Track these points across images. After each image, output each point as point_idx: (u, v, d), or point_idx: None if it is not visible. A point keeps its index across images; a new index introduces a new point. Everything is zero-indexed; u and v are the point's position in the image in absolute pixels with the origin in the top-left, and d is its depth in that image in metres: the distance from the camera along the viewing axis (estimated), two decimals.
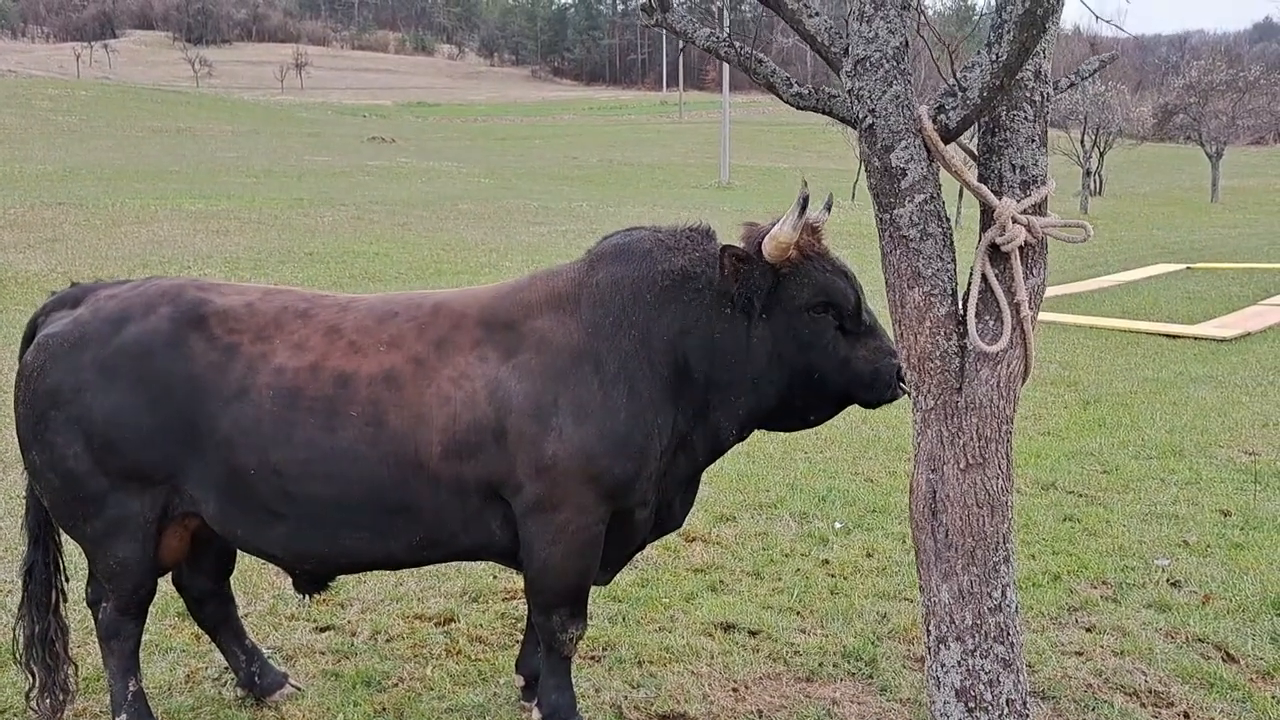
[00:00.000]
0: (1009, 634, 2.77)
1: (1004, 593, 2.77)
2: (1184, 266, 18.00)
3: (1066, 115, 36.66)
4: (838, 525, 5.28)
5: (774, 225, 3.00)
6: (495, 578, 4.53)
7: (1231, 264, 18.17)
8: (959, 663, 2.77)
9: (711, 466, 3.44)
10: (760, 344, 3.06)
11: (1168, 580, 4.54)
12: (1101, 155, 38.43)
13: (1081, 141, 36.68)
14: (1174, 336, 10.91)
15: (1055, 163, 37.25)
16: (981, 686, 2.75)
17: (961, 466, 2.75)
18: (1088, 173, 36.38)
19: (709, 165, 45.12)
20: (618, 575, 3.67)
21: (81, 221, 17.99)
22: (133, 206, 20.25)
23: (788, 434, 4.71)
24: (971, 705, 2.76)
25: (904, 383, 2.94)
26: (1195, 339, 10.78)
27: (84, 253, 14.83)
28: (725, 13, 37.25)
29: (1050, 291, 14.42)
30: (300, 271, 14.06)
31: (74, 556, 3.61)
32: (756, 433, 3.33)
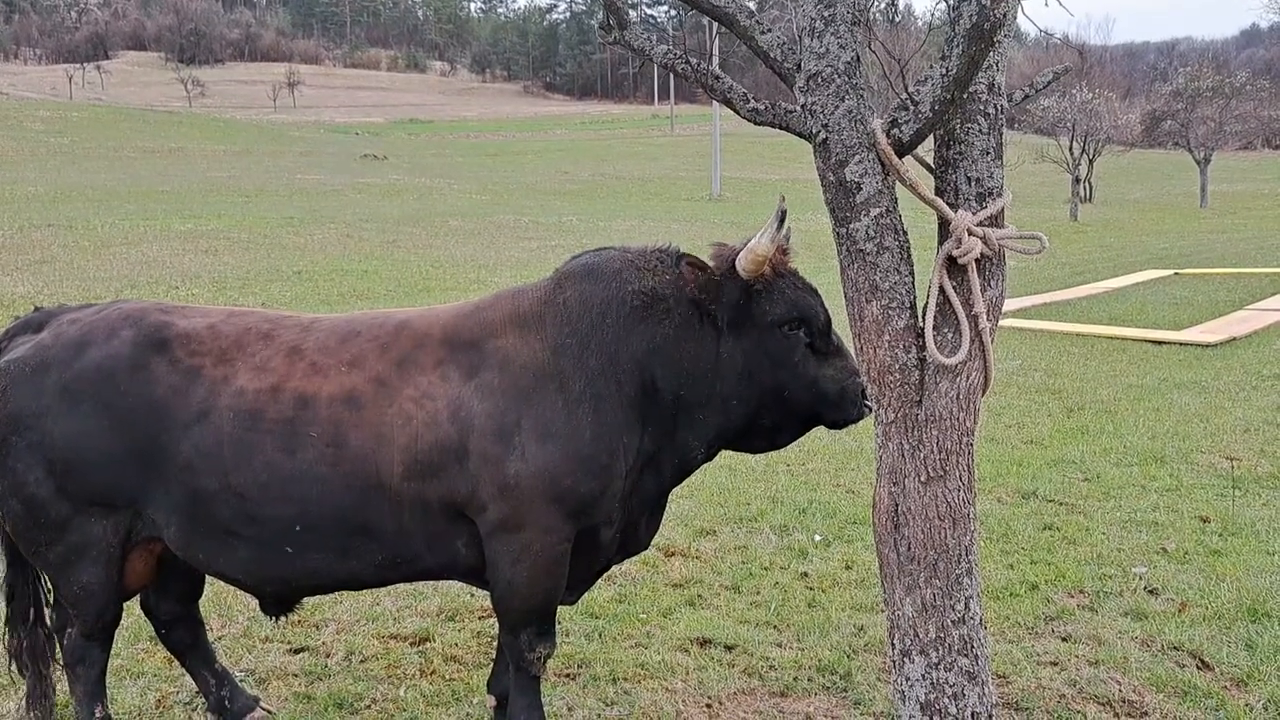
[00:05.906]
0: (973, 646, 2.77)
1: (967, 605, 2.76)
2: (1172, 272, 18.08)
3: (1055, 123, 36.85)
4: (817, 538, 5.27)
5: (750, 240, 3.00)
6: (472, 595, 4.51)
7: (1219, 269, 18.25)
8: (923, 676, 2.76)
9: (692, 479, 3.43)
10: (730, 361, 3.06)
11: (1145, 588, 4.54)
12: (1091, 162, 38.59)
13: (1070, 149, 36.82)
14: (1159, 343, 10.94)
15: (1046, 170, 37.32)
16: (946, 700, 2.74)
17: (923, 479, 2.75)
18: (1077, 180, 36.51)
19: (700, 178, 45.23)
20: (591, 592, 3.66)
21: (70, 243, 18.00)
22: (122, 228, 20.27)
23: None
24: (936, 719, 2.75)
25: (869, 402, 2.94)
26: (1180, 345, 10.82)
27: (71, 275, 14.83)
28: (715, 28, 37.24)
29: (1038, 299, 14.54)
30: (288, 290, 14.06)
31: None
32: None
